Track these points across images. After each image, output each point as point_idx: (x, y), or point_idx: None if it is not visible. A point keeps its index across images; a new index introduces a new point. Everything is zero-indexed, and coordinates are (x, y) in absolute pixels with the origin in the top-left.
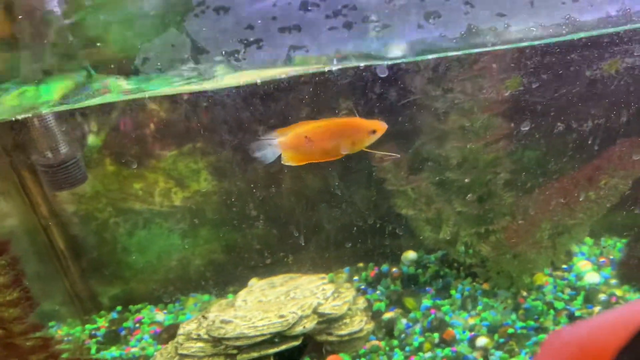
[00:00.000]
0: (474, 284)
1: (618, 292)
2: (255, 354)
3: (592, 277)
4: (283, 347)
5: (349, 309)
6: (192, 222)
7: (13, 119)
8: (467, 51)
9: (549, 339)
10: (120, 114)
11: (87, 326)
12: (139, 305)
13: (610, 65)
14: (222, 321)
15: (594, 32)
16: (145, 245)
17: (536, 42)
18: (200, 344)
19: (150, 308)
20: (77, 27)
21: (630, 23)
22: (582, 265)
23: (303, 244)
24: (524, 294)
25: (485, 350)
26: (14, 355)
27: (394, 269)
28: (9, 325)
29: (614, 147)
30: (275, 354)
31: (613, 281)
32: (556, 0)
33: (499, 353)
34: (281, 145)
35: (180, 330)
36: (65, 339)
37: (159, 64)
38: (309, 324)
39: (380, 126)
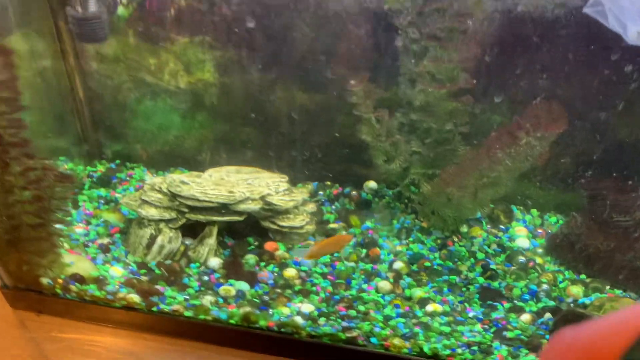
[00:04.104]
0: (416, 220)
1: (538, 260)
2: (202, 217)
3: (522, 242)
4: (226, 217)
5: (295, 208)
6: (192, 105)
7: None
8: None
9: (552, 341)
10: None
11: (89, 168)
12: (134, 165)
13: None
14: (181, 181)
15: None
16: (150, 114)
17: None
18: (159, 196)
19: (143, 169)
20: None
21: None
22: (519, 230)
23: (283, 151)
24: (455, 239)
25: (398, 274)
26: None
27: (354, 192)
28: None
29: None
30: (221, 224)
31: (539, 250)
32: None
33: (408, 279)
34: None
35: (148, 181)
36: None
37: None
38: (253, 205)
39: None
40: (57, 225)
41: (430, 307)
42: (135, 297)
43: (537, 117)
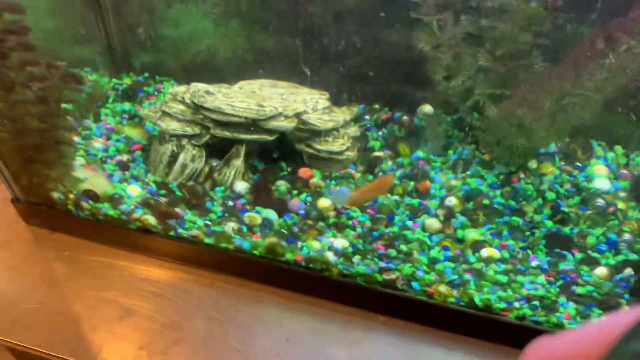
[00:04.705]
0: (476, 152)
1: (620, 205)
2: (228, 133)
3: (601, 183)
4: (255, 136)
5: (335, 130)
6: (226, 10)
7: None
8: None
9: (529, 350)
10: None
11: (114, 80)
12: (164, 78)
13: None
14: (207, 91)
15: None
16: (181, 20)
17: None
18: (182, 107)
19: (173, 83)
20: None
21: None
22: (598, 169)
23: (327, 67)
24: (522, 175)
25: (450, 211)
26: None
27: (405, 117)
28: None
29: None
30: (250, 144)
31: (622, 194)
32: None
33: (462, 218)
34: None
35: (170, 90)
36: (90, 83)
37: None
38: (286, 123)
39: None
40: (67, 134)
41: (485, 252)
42: (151, 219)
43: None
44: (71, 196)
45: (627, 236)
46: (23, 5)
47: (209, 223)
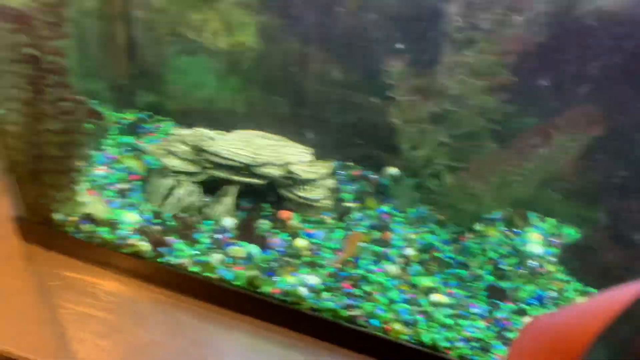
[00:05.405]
0: (433, 211)
1: (549, 267)
2: (223, 175)
3: (535, 248)
4: (247, 179)
5: (315, 181)
6: (228, 67)
7: None
8: None
9: (526, 327)
10: None
11: (120, 114)
12: (165, 118)
13: None
14: (209, 137)
15: None
16: (186, 71)
17: None
18: (185, 148)
19: (172, 124)
20: None
21: None
22: (534, 236)
23: (310, 126)
24: (469, 235)
25: (408, 260)
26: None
27: (374, 176)
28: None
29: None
30: (240, 185)
31: (552, 258)
32: None
33: (417, 267)
34: None
35: (176, 132)
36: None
37: None
38: (275, 171)
39: None
40: (78, 162)
41: (435, 297)
42: (144, 245)
43: (575, 119)
44: (71, 218)
45: (553, 293)
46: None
47: (197, 253)
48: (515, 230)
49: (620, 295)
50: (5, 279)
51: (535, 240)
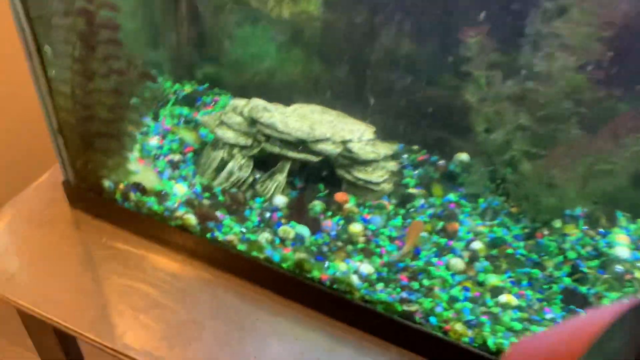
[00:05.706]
0: (506, 203)
1: (638, 274)
2: (277, 149)
3: (622, 251)
4: (302, 155)
5: (375, 161)
6: (290, 38)
7: None
8: None
9: (514, 346)
10: None
11: (177, 85)
12: (222, 91)
13: None
14: (264, 108)
15: None
16: (247, 41)
17: None
18: (240, 119)
19: (230, 96)
20: None
21: None
22: (620, 237)
23: (375, 104)
24: (546, 232)
25: (475, 254)
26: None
27: (442, 162)
28: None
29: None
30: (294, 162)
31: None
32: None
33: (485, 263)
34: None
35: (231, 102)
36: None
37: None
38: (332, 148)
39: None
40: (130, 128)
41: (503, 298)
42: (191, 219)
43: None
44: (121, 186)
45: None
46: (118, 4)
47: (245, 230)
48: (600, 230)
49: (602, 315)
50: (52, 243)
51: (622, 243)
